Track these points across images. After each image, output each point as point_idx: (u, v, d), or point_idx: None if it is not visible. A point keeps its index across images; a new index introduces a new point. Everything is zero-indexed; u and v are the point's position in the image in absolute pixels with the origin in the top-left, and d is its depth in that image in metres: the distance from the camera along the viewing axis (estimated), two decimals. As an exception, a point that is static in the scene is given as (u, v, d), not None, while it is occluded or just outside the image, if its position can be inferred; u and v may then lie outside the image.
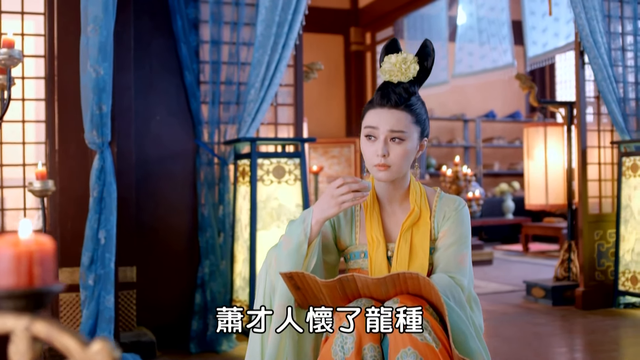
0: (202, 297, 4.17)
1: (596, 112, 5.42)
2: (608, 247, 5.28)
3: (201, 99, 4.27)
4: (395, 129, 1.93)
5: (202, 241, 4.19)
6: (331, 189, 1.88)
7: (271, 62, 4.29)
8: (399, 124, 1.93)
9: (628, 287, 5.11)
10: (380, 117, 1.94)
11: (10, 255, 0.66)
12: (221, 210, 4.24)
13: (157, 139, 4.21)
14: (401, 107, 1.94)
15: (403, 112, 1.94)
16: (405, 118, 1.94)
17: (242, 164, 4.16)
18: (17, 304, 0.67)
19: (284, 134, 4.64)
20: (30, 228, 0.69)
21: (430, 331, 1.72)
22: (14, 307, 0.67)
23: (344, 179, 1.87)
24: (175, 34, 4.21)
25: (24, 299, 0.67)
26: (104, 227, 3.24)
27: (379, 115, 1.94)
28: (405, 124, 1.94)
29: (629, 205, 5.12)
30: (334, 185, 1.88)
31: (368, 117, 1.98)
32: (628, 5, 5.34)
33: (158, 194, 4.19)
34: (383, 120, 1.94)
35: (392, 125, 1.93)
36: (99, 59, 3.17)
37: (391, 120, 1.93)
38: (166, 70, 4.23)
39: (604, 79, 5.10)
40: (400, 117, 1.93)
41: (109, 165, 3.30)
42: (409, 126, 1.95)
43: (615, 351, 4.11)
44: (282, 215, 4.05)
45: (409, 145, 1.95)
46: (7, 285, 0.66)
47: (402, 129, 1.93)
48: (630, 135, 5.21)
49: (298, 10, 4.36)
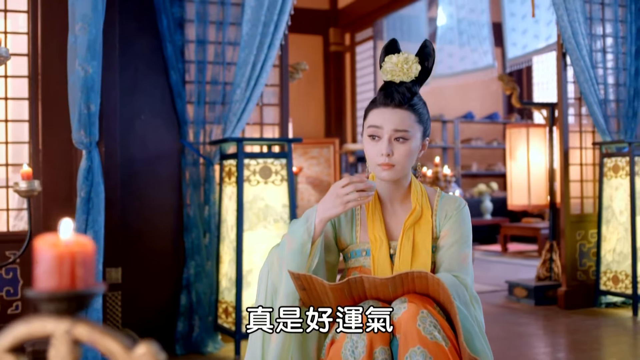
0: (188, 298, 4.14)
1: (578, 114, 5.47)
2: (589, 247, 5.33)
3: (187, 98, 4.23)
4: (400, 128, 1.93)
5: (188, 242, 4.16)
6: (336, 188, 1.87)
7: (257, 62, 4.27)
8: (403, 123, 1.93)
9: (609, 287, 5.15)
10: (384, 117, 1.94)
11: (52, 257, 0.64)
12: (207, 210, 4.21)
13: (142, 139, 4.17)
14: (405, 106, 1.94)
15: (407, 111, 1.94)
16: (409, 117, 1.94)
17: (228, 164, 4.13)
18: (58, 307, 0.65)
19: (269, 134, 4.62)
20: (71, 228, 0.67)
21: (439, 330, 1.72)
22: (55, 310, 0.65)
23: (350, 179, 1.86)
24: (160, 33, 4.18)
25: (66, 301, 0.65)
26: (92, 228, 3.20)
27: (383, 115, 1.94)
28: (409, 123, 1.94)
29: (610, 205, 5.17)
30: (340, 185, 1.87)
31: (371, 116, 1.97)
32: (609, 7, 5.39)
33: (143, 194, 4.15)
34: (387, 119, 1.93)
35: (396, 124, 1.93)
36: (88, 57, 3.13)
37: (395, 119, 1.93)
38: (151, 69, 4.20)
39: (586, 80, 5.14)
40: (404, 117, 1.93)
41: (97, 166, 3.26)
42: (413, 125, 1.95)
43: (598, 350, 4.14)
44: (269, 216, 4.03)
45: (412, 144, 1.95)
46: (48, 287, 0.64)
47: (406, 128, 1.93)
48: (611, 136, 5.26)
49: (284, 10, 4.35)
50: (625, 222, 5.04)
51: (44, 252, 0.64)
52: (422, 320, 1.72)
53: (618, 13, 5.39)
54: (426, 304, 1.76)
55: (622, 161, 5.07)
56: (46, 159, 3.72)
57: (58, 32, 3.72)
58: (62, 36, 3.69)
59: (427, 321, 1.72)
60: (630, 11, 5.40)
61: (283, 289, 1.88)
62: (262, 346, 1.91)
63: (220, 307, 4.15)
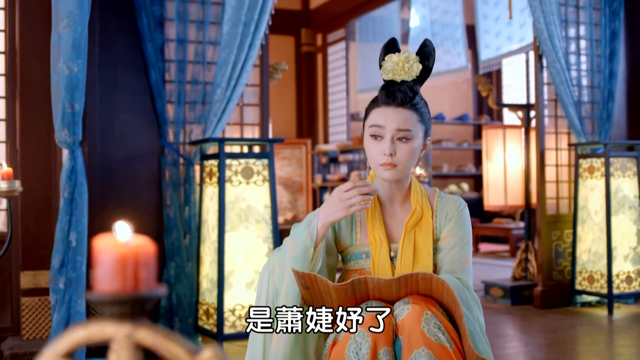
0: (168, 300, 4.10)
1: (553, 115, 5.52)
2: (565, 247, 5.39)
3: (167, 98, 4.19)
4: (402, 127, 1.91)
5: (168, 243, 4.11)
6: (339, 193, 1.85)
7: (237, 61, 4.24)
8: (406, 122, 1.92)
9: (585, 287, 5.21)
10: (386, 116, 1.92)
11: (115, 258, 0.62)
12: (187, 211, 4.17)
13: (122, 138, 4.12)
14: (407, 105, 1.93)
15: (409, 110, 1.93)
16: (411, 117, 1.93)
17: (209, 165, 4.10)
18: (120, 310, 0.63)
19: (249, 134, 4.59)
20: (129, 229, 0.65)
21: (443, 331, 1.71)
22: (116, 313, 0.62)
23: (353, 183, 1.84)
24: (140, 32, 4.13)
25: (129, 304, 0.63)
26: (75, 229, 3.14)
27: (385, 114, 1.93)
28: (412, 123, 1.93)
29: (585, 206, 5.23)
30: (343, 189, 1.85)
31: (373, 115, 1.96)
32: (584, 10, 5.45)
33: (122, 194, 4.09)
34: (390, 119, 1.92)
35: (398, 124, 1.91)
36: (73, 55, 3.07)
37: (398, 118, 1.92)
38: (131, 68, 4.14)
39: (562, 82, 5.20)
40: (407, 116, 1.92)
41: (80, 165, 3.20)
42: (415, 125, 1.94)
43: (576, 349, 4.18)
44: (251, 217, 4.01)
45: (415, 144, 1.94)
46: (111, 290, 0.62)
47: (408, 127, 1.92)
48: (586, 137, 5.32)
49: (264, 10, 4.32)
50: (600, 222, 5.10)
51: (105, 253, 0.61)
52: (427, 322, 1.71)
53: (592, 16, 5.46)
54: (430, 305, 1.76)
55: (598, 162, 5.13)
56: (24, 159, 3.65)
57: (37, 30, 3.65)
58: (40, 34, 3.63)
59: (432, 322, 1.71)
60: (605, 14, 5.47)
61: (285, 292, 1.86)
62: (263, 347, 1.88)
63: (200, 308, 4.11)
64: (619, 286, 5.09)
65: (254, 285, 3.98)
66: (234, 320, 3.93)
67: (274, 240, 4.02)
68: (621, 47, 5.59)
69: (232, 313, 3.93)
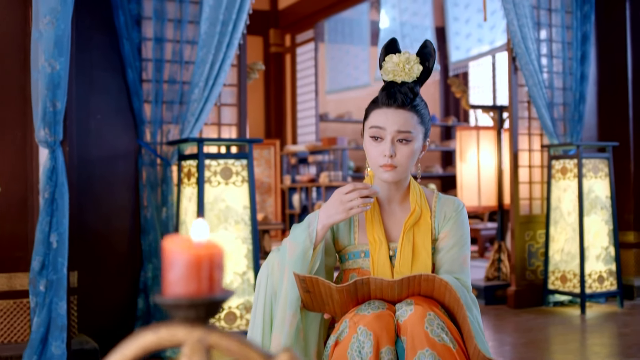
0: (145, 302, 4.04)
1: (526, 117, 5.58)
2: (538, 247, 5.44)
3: (144, 97, 4.13)
4: (403, 129, 1.91)
5: (145, 244, 4.06)
6: (340, 195, 1.84)
7: (215, 61, 4.20)
8: (406, 124, 1.91)
9: (558, 286, 5.28)
10: (387, 118, 1.92)
11: (189, 260, 0.60)
12: (164, 212, 4.12)
13: (98, 138, 4.05)
14: (407, 107, 1.92)
15: (409, 112, 1.93)
16: (412, 118, 1.93)
17: (187, 165, 4.05)
18: (196, 313, 0.60)
19: (226, 134, 4.56)
20: (206, 228, 0.63)
21: (447, 332, 1.71)
22: (189, 317, 0.60)
23: (354, 185, 1.83)
24: (117, 30, 4.06)
25: (204, 307, 0.60)
26: (56, 230, 3.08)
27: (386, 116, 1.92)
28: (412, 124, 1.92)
29: (558, 206, 5.29)
30: (343, 191, 1.84)
31: (373, 117, 1.95)
32: (556, 13, 5.52)
33: (99, 195, 4.03)
34: (390, 120, 1.91)
35: (399, 125, 1.91)
36: (55, 53, 3.01)
37: (398, 120, 1.91)
38: (108, 67, 4.08)
39: (535, 84, 5.25)
40: (407, 118, 1.92)
41: (61, 165, 3.14)
42: (416, 126, 1.93)
43: (549, 348, 4.23)
44: (230, 217, 3.97)
45: (415, 145, 1.94)
46: (186, 293, 0.60)
47: (409, 129, 1.91)
48: (558, 139, 5.38)
49: (242, 9, 4.29)
50: (573, 222, 5.17)
51: (179, 255, 0.59)
52: (430, 323, 1.71)
53: (564, 19, 5.52)
54: (432, 305, 1.76)
55: (570, 163, 5.20)
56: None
57: (11, 26, 3.57)
58: (16, 31, 3.55)
59: (435, 323, 1.71)
60: (576, 17, 5.54)
61: (284, 295, 1.85)
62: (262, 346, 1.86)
63: (178, 310, 4.07)
64: (591, 286, 5.16)
65: (233, 286, 3.95)
66: (213, 322, 3.90)
67: (253, 241, 4.00)
68: (592, 50, 5.67)
69: (211, 315, 3.89)
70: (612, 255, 5.25)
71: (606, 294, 5.24)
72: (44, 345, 3.00)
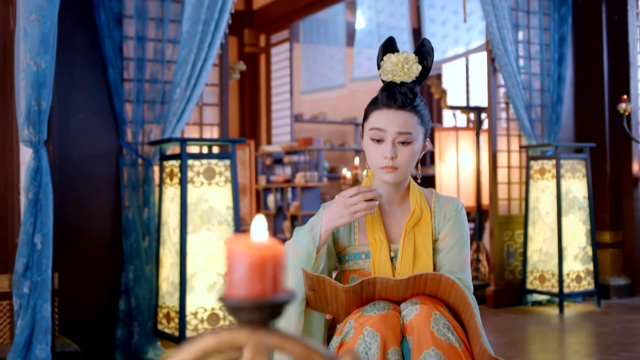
0: (127, 304, 3.99)
1: (504, 118, 5.62)
2: (516, 247, 5.48)
3: (125, 97, 4.08)
4: (403, 130, 1.90)
5: (126, 245, 4.01)
6: (343, 198, 1.83)
7: (197, 60, 4.17)
8: (407, 125, 1.91)
9: (536, 286, 5.32)
10: (387, 119, 1.91)
11: (253, 262, 0.58)
12: (146, 213, 4.07)
13: (79, 138, 3.99)
14: (407, 108, 1.92)
15: (409, 113, 1.92)
16: (412, 119, 1.92)
17: (170, 165, 4.01)
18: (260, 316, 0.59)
19: (207, 134, 4.52)
20: (266, 228, 0.61)
21: (452, 331, 1.71)
22: (255, 319, 0.59)
23: (358, 188, 1.83)
24: (98, 29, 4.01)
25: (268, 309, 0.59)
26: (40, 231, 3.02)
27: (386, 117, 1.91)
28: (413, 126, 1.92)
29: (536, 207, 5.34)
30: (347, 195, 1.83)
31: (373, 118, 1.94)
32: (534, 15, 5.57)
33: (80, 195, 3.97)
34: (390, 122, 1.90)
35: (400, 127, 1.90)
36: (41, 51, 2.95)
37: (399, 122, 1.90)
38: (89, 66, 4.02)
39: (514, 85, 5.30)
40: (407, 119, 1.91)
41: (45, 165, 3.08)
42: (416, 127, 1.93)
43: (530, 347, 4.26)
44: (213, 218, 3.94)
45: (416, 146, 1.93)
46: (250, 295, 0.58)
47: (409, 130, 1.91)
48: (536, 140, 5.43)
49: (224, 9, 4.27)
50: (551, 222, 5.21)
51: (243, 256, 0.58)
52: (436, 322, 1.71)
53: (542, 21, 5.57)
54: (437, 305, 1.75)
55: (549, 164, 5.25)
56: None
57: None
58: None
59: (441, 323, 1.71)
60: (554, 20, 5.60)
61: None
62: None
63: (160, 312, 4.02)
64: (569, 285, 5.21)
65: (216, 287, 3.92)
66: (196, 323, 3.86)
67: (236, 242, 3.97)
68: (569, 52, 5.73)
69: (194, 316, 3.86)
70: (590, 255, 5.31)
71: (583, 293, 5.29)
72: (28, 349, 2.94)
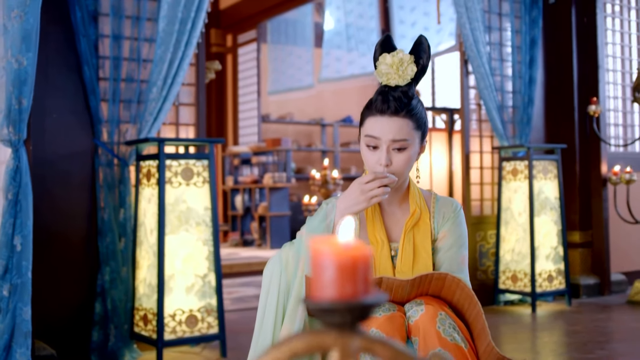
0: (103, 306, 3.93)
1: (477, 119, 5.67)
2: (489, 247, 5.53)
3: (101, 96, 4.02)
4: (397, 138, 1.88)
5: (102, 247, 3.94)
6: (360, 185, 1.82)
7: (174, 59, 4.13)
8: (401, 132, 1.88)
9: (508, 286, 5.37)
10: (381, 127, 1.88)
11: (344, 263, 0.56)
12: (122, 213, 4.01)
13: (54, 137, 3.92)
14: (402, 113, 1.88)
15: (404, 119, 1.88)
16: (407, 125, 1.89)
17: (147, 166, 3.96)
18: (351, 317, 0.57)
19: (183, 134, 4.48)
20: (353, 227, 0.60)
21: (458, 331, 1.71)
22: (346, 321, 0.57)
23: (375, 174, 1.81)
24: (73, 26, 3.94)
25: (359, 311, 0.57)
26: (20, 232, 2.95)
27: (380, 124, 1.88)
28: (407, 132, 1.89)
29: (509, 207, 5.39)
30: (363, 181, 1.82)
31: (368, 124, 1.91)
32: (506, 17, 5.63)
33: (54, 196, 3.89)
34: (385, 130, 1.88)
35: (393, 134, 1.87)
36: (23, 48, 2.88)
37: (392, 129, 1.87)
38: (64, 64, 3.95)
39: (486, 87, 5.34)
40: (402, 125, 1.88)
41: (25, 165, 3.01)
42: (411, 133, 1.90)
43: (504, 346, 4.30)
44: (191, 219, 3.90)
45: (411, 151, 1.91)
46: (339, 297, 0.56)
47: (404, 137, 1.88)
48: (508, 141, 5.48)
49: (201, 8, 4.23)
50: (524, 223, 5.27)
51: (332, 257, 0.56)
52: (442, 322, 1.71)
53: (514, 24, 5.63)
54: (442, 305, 1.75)
55: (521, 165, 5.30)
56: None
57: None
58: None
59: (447, 323, 1.71)
60: (525, 22, 5.66)
61: (298, 285, 1.81)
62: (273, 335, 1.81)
63: (137, 314, 3.97)
64: (541, 285, 5.27)
65: (194, 289, 3.88)
66: (174, 325, 3.82)
67: (214, 243, 3.94)
68: (540, 54, 5.79)
69: (172, 318, 3.81)
70: (561, 255, 5.38)
71: (555, 292, 5.36)
72: (7, 353, 2.87)
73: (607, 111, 6.05)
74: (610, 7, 6.15)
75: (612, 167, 5.80)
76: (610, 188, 5.85)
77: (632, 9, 6.37)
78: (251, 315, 5.24)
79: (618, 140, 6.23)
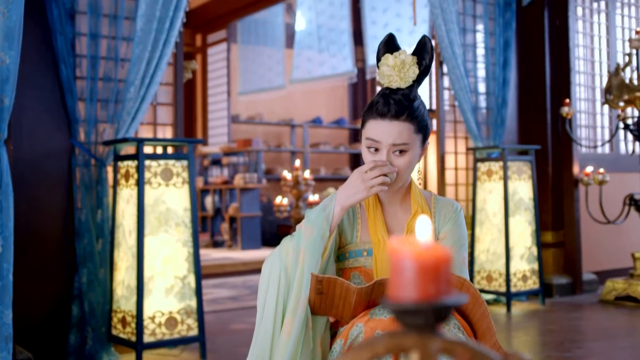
0: (80, 309, 3.87)
1: (452, 120, 5.70)
2: (464, 248, 5.56)
3: (78, 95, 3.95)
4: (398, 142, 1.86)
5: (79, 248, 3.88)
6: (360, 174, 1.81)
7: (152, 59, 4.09)
8: (401, 136, 1.86)
9: (483, 286, 5.41)
10: (382, 130, 1.86)
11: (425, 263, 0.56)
12: (99, 214, 3.95)
13: (30, 137, 3.85)
14: (402, 117, 1.85)
15: (405, 122, 1.86)
16: (408, 129, 1.86)
17: (125, 166, 3.91)
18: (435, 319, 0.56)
19: (160, 134, 4.43)
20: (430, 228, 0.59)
21: (463, 331, 1.70)
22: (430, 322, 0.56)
23: (375, 163, 1.80)
24: (50, 24, 3.88)
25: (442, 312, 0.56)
26: (1, 234, 2.89)
27: (381, 128, 1.86)
28: (408, 135, 1.86)
29: (484, 208, 5.43)
30: (363, 170, 1.81)
31: (369, 128, 1.89)
32: (480, 19, 5.67)
33: (30, 196, 3.82)
34: (385, 133, 1.86)
35: (394, 138, 1.85)
36: (5, 46, 2.83)
37: (393, 133, 1.85)
38: (40, 62, 3.88)
39: (461, 88, 5.38)
40: (402, 129, 1.86)
41: (5, 166, 2.95)
42: (412, 136, 1.87)
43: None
44: (170, 220, 3.86)
45: (412, 155, 1.89)
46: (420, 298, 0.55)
47: (404, 141, 1.86)
48: (482, 142, 5.53)
49: (179, 7, 4.19)
50: (499, 223, 5.31)
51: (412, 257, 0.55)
52: (447, 322, 1.70)
53: (488, 26, 5.68)
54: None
55: (496, 166, 5.35)
56: None
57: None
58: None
59: (452, 323, 1.70)
60: (499, 24, 5.71)
61: (298, 277, 1.79)
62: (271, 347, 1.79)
63: (115, 316, 3.91)
64: (515, 284, 5.32)
65: (173, 291, 3.84)
66: (154, 327, 3.77)
67: (193, 244, 3.90)
68: (513, 56, 5.85)
69: (151, 320, 3.77)
70: (535, 255, 5.44)
71: (529, 292, 5.41)
72: (-13, 357, 2.81)
73: (578, 113, 6.14)
74: (581, 10, 6.24)
75: (583, 168, 5.88)
76: (582, 189, 5.93)
77: (601, 12, 6.47)
78: (226, 317, 5.20)
79: (588, 141, 6.32)
